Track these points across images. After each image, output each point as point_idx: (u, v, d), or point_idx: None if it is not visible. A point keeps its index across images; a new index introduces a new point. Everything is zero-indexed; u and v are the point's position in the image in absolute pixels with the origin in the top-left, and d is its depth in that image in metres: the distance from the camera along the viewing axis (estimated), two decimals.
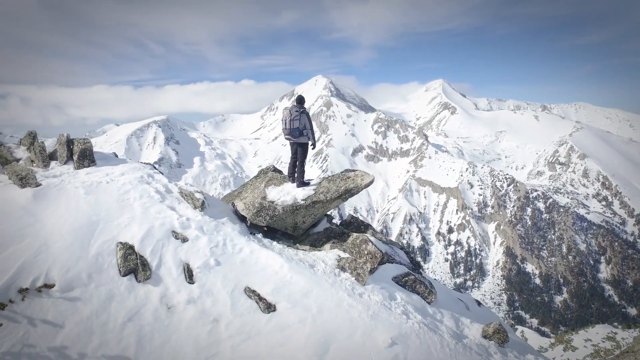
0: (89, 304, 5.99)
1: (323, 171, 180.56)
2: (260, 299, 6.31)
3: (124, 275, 6.34)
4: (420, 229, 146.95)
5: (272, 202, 7.67)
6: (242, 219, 8.11)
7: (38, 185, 7.23)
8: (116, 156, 9.15)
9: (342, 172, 8.45)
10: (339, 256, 7.24)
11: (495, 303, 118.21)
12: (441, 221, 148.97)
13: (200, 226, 7.13)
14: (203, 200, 7.61)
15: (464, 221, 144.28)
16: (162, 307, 6.17)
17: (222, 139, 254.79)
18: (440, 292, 8.02)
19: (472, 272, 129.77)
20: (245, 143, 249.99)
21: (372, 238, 7.36)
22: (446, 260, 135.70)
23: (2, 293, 5.79)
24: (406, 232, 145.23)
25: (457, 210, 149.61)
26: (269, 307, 6.23)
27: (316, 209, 7.66)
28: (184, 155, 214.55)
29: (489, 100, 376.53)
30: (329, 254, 7.31)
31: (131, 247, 6.56)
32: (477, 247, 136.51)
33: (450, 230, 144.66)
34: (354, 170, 8.40)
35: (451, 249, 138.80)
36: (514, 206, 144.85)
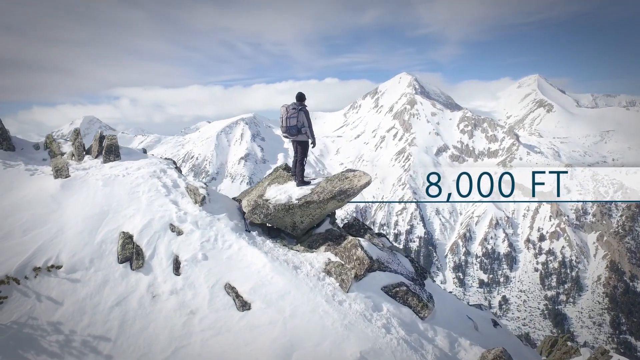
0: (87, 286, 6.58)
1: (405, 170, 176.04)
2: (237, 296, 6.36)
3: (121, 263, 6.84)
4: (507, 234, 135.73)
5: (267, 200, 7.67)
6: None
7: (67, 176, 8.14)
8: (144, 152, 9.93)
9: (343, 171, 8.12)
10: (329, 259, 6.98)
11: (594, 323, 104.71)
12: (531, 227, 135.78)
13: (195, 221, 7.41)
14: (204, 196, 7.89)
15: (558, 229, 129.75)
16: (147, 295, 6.54)
17: None
18: (444, 307, 7.31)
19: (566, 286, 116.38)
20: (327, 140, 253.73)
21: (364, 243, 6.96)
22: (536, 270, 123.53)
23: (20, 270, 6.63)
24: (491, 237, 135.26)
25: (550, 216, 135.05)
26: (244, 306, 6.25)
27: (311, 210, 7.47)
28: (269, 152, 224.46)
29: (595, 96, 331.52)
30: (319, 257, 7.09)
31: (130, 237, 7.06)
32: (574, 258, 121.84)
33: (541, 238, 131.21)
34: (354, 171, 8.02)
35: (542, 258, 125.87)
36: (621, 215, 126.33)
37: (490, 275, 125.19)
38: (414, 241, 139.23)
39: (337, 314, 6.12)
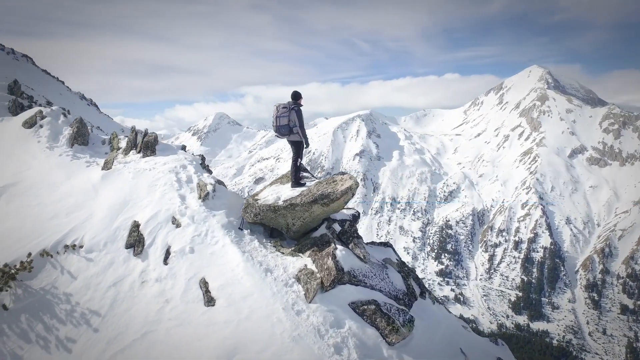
0: (96, 266, 7.54)
1: (531, 173, 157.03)
2: (207, 291, 6.56)
3: (126, 248, 7.65)
4: None
5: (257, 200, 7.68)
6: None
7: (109, 169, 9.40)
8: (183, 148, 10.82)
9: (335, 174, 7.66)
10: (305, 266, 6.69)
11: None
12: None
13: (192, 215, 7.83)
14: (208, 192, 8.27)
15: None
16: (138, 280, 7.19)
17: (422, 134, 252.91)
18: (432, 335, 6.38)
19: None
20: (445, 139, 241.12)
21: (339, 252, 6.47)
22: None
23: (54, 246, 7.93)
24: None
25: None
26: (210, 301, 6.42)
27: (298, 212, 7.21)
28: (384, 149, 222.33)
29: None
30: (298, 262, 6.84)
31: (137, 226, 7.84)
32: None
33: None
34: (343, 174, 7.49)
35: None
36: None
37: (639, 302, 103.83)
38: (537, 251, 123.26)
39: (289, 324, 5.86)
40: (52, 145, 10.78)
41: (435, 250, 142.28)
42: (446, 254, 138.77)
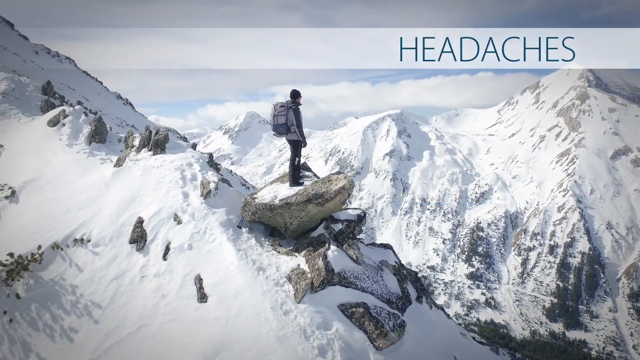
0: (102, 259, 7.80)
1: (569, 175, 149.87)
2: (200, 287, 6.64)
3: (130, 243, 7.87)
4: None
5: (255, 198, 7.69)
6: None
7: (120, 166, 9.70)
8: (194, 147, 11.02)
9: (332, 173, 7.55)
10: (298, 265, 6.64)
11: None
12: None
13: (193, 213, 7.95)
14: (209, 190, 8.36)
15: None
16: (138, 274, 7.37)
17: (454, 134, 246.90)
18: (426, 341, 6.18)
19: None
20: (478, 139, 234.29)
21: (331, 253, 6.36)
22: None
23: (65, 239, 8.27)
24: None
25: None
26: (203, 298, 6.49)
27: (293, 211, 7.17)
28: (414, 149, 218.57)
29: None
30: (291, 261, 6.80)
31: (141, 222, 8.04)
32: None
33: None
34: (339, 173, 7.36)
35: None
36: None
37: None
38: (575, 256, 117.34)
39: (276, 323, 5.83)
40: (71, 143, 11.27)
41: (466, 253, 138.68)
42: (477, 257, 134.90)
